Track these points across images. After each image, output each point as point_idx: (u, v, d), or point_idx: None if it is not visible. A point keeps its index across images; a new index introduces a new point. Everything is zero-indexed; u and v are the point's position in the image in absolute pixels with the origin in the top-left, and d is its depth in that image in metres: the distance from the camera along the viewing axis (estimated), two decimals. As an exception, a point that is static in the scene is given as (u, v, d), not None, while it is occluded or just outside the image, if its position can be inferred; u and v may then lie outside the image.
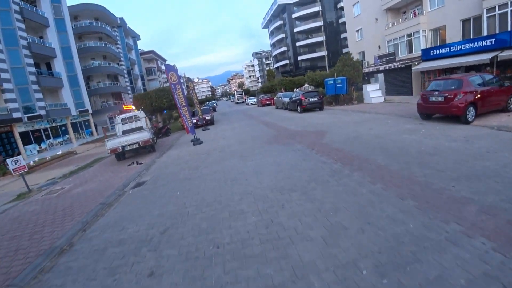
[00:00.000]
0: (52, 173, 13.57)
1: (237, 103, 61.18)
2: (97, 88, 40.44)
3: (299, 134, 11.73)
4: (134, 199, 6.93)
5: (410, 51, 27.04)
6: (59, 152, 21.88)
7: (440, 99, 9.82)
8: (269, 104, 33.85)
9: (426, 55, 22.69)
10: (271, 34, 64.70)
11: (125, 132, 14.38)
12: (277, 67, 61.47)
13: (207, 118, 20.64)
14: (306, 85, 38.35)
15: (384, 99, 21.67)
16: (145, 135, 12.17)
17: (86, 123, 34.60)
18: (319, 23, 51.92)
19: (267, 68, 67.87)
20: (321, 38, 52.24)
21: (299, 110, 19.77)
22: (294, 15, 53.81)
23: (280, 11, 58.14)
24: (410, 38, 26.90)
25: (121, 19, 47.93)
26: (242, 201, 5.43)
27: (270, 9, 60.49)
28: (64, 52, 31.05)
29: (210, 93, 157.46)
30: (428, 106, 10.40)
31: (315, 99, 19.32)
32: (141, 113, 15.40)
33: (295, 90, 33.69)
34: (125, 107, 19.92)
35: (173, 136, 18.96)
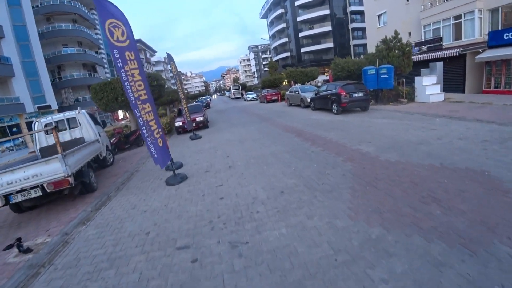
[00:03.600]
0: None
1: (233, 98, 54.06)
2: (70, 79, 32.83)
3: (415, 175, 4.99)
4: None
5: (458, 37, 20.56)
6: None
7: None
8: (274, 100, 27.01)
9: (496, 39, 16.14)
10: (271, 24, 57.44)
11: (43, 152, 7.44)
12: (277, 60, 54.40)
13: (198, 119, 13.72)
14: (321, 77, 31.55)
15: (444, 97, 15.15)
16: (53, 170, 5.21)
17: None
18: (326, 11, 45.06)
19: (269, 60, 60.61)
20: (327, 28, 45.47)
21: (335, 110, 13.01)
22: (297, 3, 46.72)
23: (282, -2, 51.00)
24: (459, 20, 20.41)
25: (101, 0, 39.90)
26: None
27: (270, -4, 53.24)
28: (17, 32, 23.43)
29: (203, 88, 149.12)
30: None
31: (360, 94, 12.61)
32: (82, 114, 8.42)
33: (307, 83, 26.88)
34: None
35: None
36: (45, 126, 8.25)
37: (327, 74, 32.89)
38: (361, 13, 45.82)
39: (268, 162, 6.50)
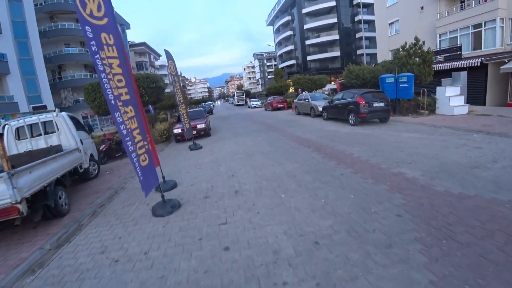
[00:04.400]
0: None
1: (236, 105, 52.75)
2: (70, 80, 31.63)
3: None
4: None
5: (477, 46, 19.23)
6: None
7: None
8: (280, 108, 25.61)
9: (526, 48, 14.63)
10: (277, 31, 56.46)
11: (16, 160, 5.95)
12: (282, 68, 53.23)
13: (199, 126, 12.26)
14: (328, 86, 30.20)
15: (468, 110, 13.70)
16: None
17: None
18: (333, 19, 44.00)
19: (273, 67, 59.52)
20: (334, 37, 44.39)
21: (352, 121, 11.53)
22: (304, 10, 45.73)
23: (289, 6, 50.03)
24: (479, 29, 19.09)
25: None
26: None
27: (277, 3, 52.33)
28: (16, 28, 22.23)
29: (207, 94, 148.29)
30: None
31: (381, 104, 11.16)
32: (61, 117, 6.98)
33: (314, 91, 25.50)
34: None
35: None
36: (15, 130, 6.81)
37: (334, 82, 31.55)
38: (370, 22, 44.81)
39: (287, 188, 4.98)
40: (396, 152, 6.68)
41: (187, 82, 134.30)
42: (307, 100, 16.87)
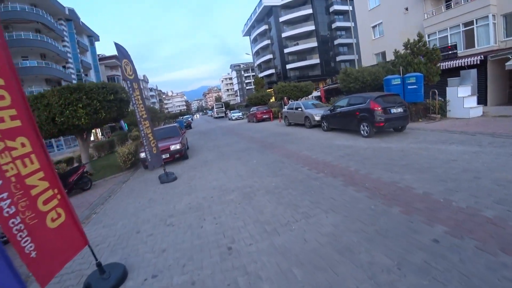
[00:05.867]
0: None
1: (216, 117, 49.89)
2: (27, 96, 27.30)
3: None
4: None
5: (470, 44, 18.01)
6: None
7: None
8: (265, 119, 23.15)
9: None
10: (254, 41, 54.55)
11: None
12: (261, 77, 51.25)
13: (172, 147, 9.38)
14: (315, 93, 28.19)
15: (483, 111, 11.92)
16: None
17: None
18: (311, 27, 42.79)
19: (252, 77, 57.46)
20: (313, 44, 43.17)
21: (365, 132, 9.15)
22: (281, 19, 44.21)
23: (265, 15, 48.38)
24: (470, 27, 17.90)
25: (71, 10, 35.31)
26: None
27: (253, 13, 50.55)
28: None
29: (185, 107, 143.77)
30: None
31: (400, 109, 8.90)
32: None
33: (301, 99, 23.29)
34: None
35: (97, 191, 7.57)
36: None
37: (317, 90, 29.71)
38: (346, 29, 44.10)
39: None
40: (476, 182, 4.25)
41: (164, 96, 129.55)
42: (299, 109, 14.44)
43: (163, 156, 9.01)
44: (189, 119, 38.58)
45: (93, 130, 36.72)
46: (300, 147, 9.04)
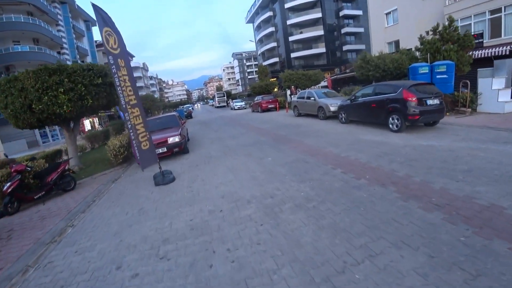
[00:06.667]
0: None
1: (217, 107, 48.23)
2: (20, 82, 25.73)
3: None
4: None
5: (496, 34, 16.52)
6: None
7: None
8: (271, 109, 21.70)
9: None
10: (257, 28, 52.34)
11: None
12: (265, 66, 49.39)
13: (170, 140, 8.03)
14: (322, 83, 26.65)
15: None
16: None
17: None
18: (318, 14, 40.76)
19: (255, 66, 55.53)
20: (319, 32, 41.26)
21: (395, 126, 7.82)
22: (287, 5, 42.07)
23: (270, 1, 46.12)
24: (498, 15, 16.38)
25: (66, -8, 33.26)
26: None
27: (257, -1, 48.31)
28: None
29: (185, 96, 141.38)
30: None
31: (436, 101, 7.55)
32: None
33: (309, 88, 21.78)
34: None
35: (81, 193, 6.29)
36: None
37: (324, 80, 28.12)
38: (355, 17, 42.08)
39: None
40: None
41: (164, 85, 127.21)
42: (312, 99, 13.01)
43: (160, 151, 7.69)
44: (190, 108, 36.90)
45: (90, 119, 35.18)
46: (321, 142, 7.68)
